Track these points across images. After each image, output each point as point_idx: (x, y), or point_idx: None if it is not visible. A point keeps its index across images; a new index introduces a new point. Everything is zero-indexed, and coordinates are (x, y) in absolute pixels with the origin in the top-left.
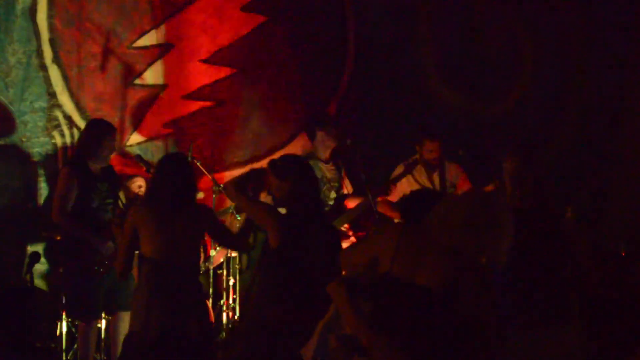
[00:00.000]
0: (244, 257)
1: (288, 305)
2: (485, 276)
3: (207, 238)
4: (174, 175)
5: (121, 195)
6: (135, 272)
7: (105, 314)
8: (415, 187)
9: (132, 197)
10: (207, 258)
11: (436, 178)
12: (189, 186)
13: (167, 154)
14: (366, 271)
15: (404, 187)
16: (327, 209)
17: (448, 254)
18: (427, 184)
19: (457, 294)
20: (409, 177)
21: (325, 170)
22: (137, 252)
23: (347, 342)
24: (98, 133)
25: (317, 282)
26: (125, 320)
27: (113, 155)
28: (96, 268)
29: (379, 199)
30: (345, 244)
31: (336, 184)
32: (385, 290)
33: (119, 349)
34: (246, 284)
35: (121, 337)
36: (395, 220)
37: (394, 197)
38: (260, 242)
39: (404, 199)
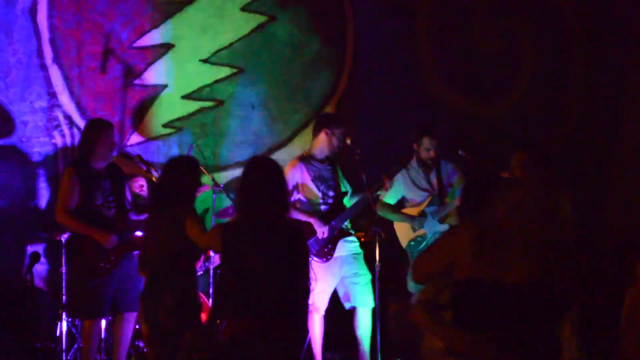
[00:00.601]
0: None
1: (231, 310)
2: (583, 265)
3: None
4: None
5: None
6: (142, 274)
7: (112, 314)
8: (411, 186)
9: (134, 197)
10: (207, 258)
11: (433, 177)
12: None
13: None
14: (444, 279)
15: (402, 188)
16: (326, 208)
17: (537, 248)
18: (424, 184)
19: (552, 286)
20: (405, 176)
21: (321, 170)
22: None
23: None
24: (96, 131)
25: (263, 287)
26: (131, 321)
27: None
28: (102, 264)
29: (379, 198)
30: (338, 245)
31: (334, 184)
32: (469, 294)
33: (124, 349)
34: None
35: (127, 338)
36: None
37: (392, 199)
38: None
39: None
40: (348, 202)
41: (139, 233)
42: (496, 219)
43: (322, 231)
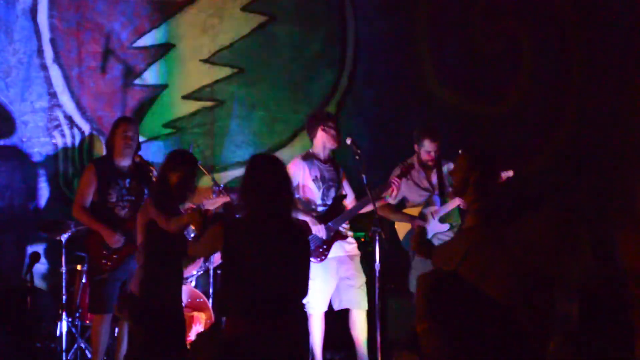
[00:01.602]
0: None
1: (237, 309)
2: (553, 295)
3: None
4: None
5: None
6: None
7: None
8: (413, 188)
9: None
10: (207, 258)
11: (433, 178)
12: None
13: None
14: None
15: (403, 189)
16: (324, 209)
17: (520, 268)
18: (425, 185)
19: (521, 307)
20: (408, 178)
21: (323, 171)
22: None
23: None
24: (113, 127)
25: (269, 284)
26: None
27: None
28: (103, 262)
29: (382, 202)
30: (336, 245)
31: (335, 185)
32: (449, 287)
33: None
34: None
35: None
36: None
37: (393, 199)
38: None
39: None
40: (347, 204)
41: None
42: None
43: (316, 229)
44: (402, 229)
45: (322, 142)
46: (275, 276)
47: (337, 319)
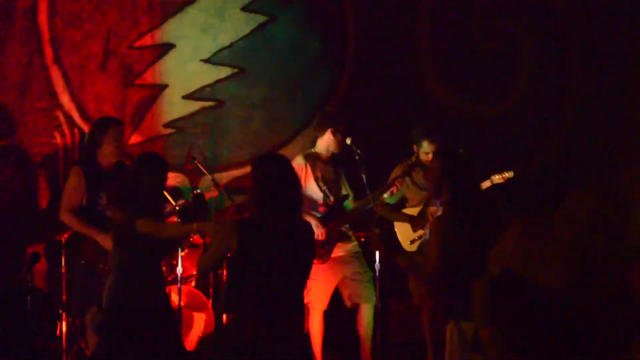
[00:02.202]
0: None
1: (248, 312)
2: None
3: (207, 239)
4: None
5: None
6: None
7: None
8: (412, 188)
9: None
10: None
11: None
12: None
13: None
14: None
15: (403, 188)
16: (325, 210)
17: (575, 254)
18: (424, 185)
19: (581, 295)
20: (407, 177)
21: (325, 171)
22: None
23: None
24: (103, 129)
25: (282, 284)
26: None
27: None
28: (100, 266)
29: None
30: (337, 245)
31: (336, 186)
32: (504, 285)
33: None
34: None
35: None
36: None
37: (392, 199)
38: None
39: None
40: (348, 205)
41: None
42: (545, 218)
43: (320, 232)
44: (402, 229)
45: (328, 144)
46: (285, 277)
47: (337, 319)
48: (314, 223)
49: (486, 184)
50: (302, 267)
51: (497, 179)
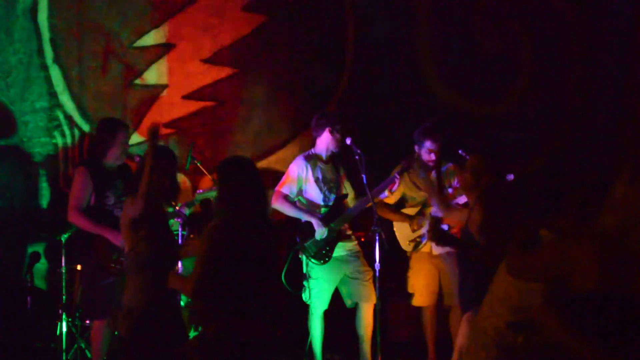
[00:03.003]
0: None
1: (226, 316)
2: None
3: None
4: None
5: None
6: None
7: None
8: (411, 188)
9: None
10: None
11: (433, 178)
12: None
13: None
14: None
15: (400, 188)
16: (326, 210)
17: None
18: (424, 185)
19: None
20: (405, 177)
21: (325, 171)
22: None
23: None
24: (111, 131)
25: (256, 288)
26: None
27: None
28: (112, 265)
29: (378, 200)
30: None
31: (336, 186)
32: (601, 305)
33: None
34: None
35: None
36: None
37: (391, 199)
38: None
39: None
40: (348, 204)
41: None
42: (613, 227)
43: (321, 232)
44: (400, 229)
45: (326, 143)
46: (268, 280)
47: (337, 319)
48: (314, 222)
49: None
50: (271, 270)
51: None
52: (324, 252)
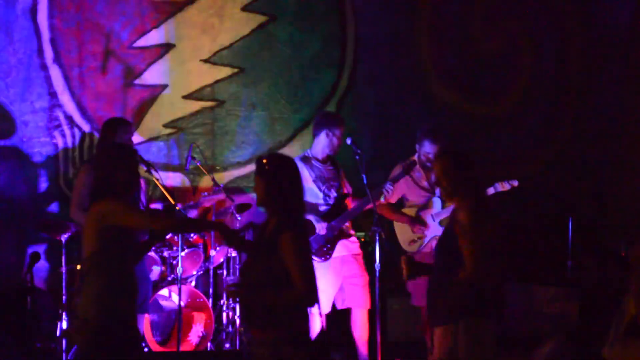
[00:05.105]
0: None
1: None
2: None
3: (207, 238)
4: None
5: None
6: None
7: None
8: (412, 187)
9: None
10: (207, 258)
11: (432, 179)
12: None
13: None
14: None
15: (402, 188)
16: (326, 209)
17: None
18: (424, 185)
19: None
20: (407, 177)
21: (323, 170)
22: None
23: None
24: (113, 130)
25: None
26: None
27: None
28: None
29: (378, 202)
30: (339, 244)
31: (336, 184)
32: None
33: None
34: None
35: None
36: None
37: (392, 199)
38: None
39: None
40: (348, 203)
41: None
42: None
43: (320, 227)
44: (401, 229)
45: (322, 145)
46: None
47: (336, 319)
48: (313, 219)
49: (490, 191)
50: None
51: (501, 186)
52: (325, 249)
